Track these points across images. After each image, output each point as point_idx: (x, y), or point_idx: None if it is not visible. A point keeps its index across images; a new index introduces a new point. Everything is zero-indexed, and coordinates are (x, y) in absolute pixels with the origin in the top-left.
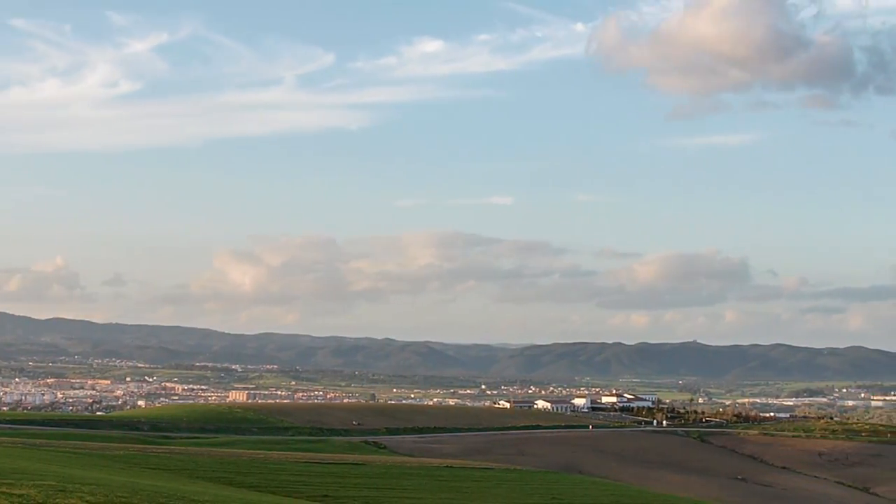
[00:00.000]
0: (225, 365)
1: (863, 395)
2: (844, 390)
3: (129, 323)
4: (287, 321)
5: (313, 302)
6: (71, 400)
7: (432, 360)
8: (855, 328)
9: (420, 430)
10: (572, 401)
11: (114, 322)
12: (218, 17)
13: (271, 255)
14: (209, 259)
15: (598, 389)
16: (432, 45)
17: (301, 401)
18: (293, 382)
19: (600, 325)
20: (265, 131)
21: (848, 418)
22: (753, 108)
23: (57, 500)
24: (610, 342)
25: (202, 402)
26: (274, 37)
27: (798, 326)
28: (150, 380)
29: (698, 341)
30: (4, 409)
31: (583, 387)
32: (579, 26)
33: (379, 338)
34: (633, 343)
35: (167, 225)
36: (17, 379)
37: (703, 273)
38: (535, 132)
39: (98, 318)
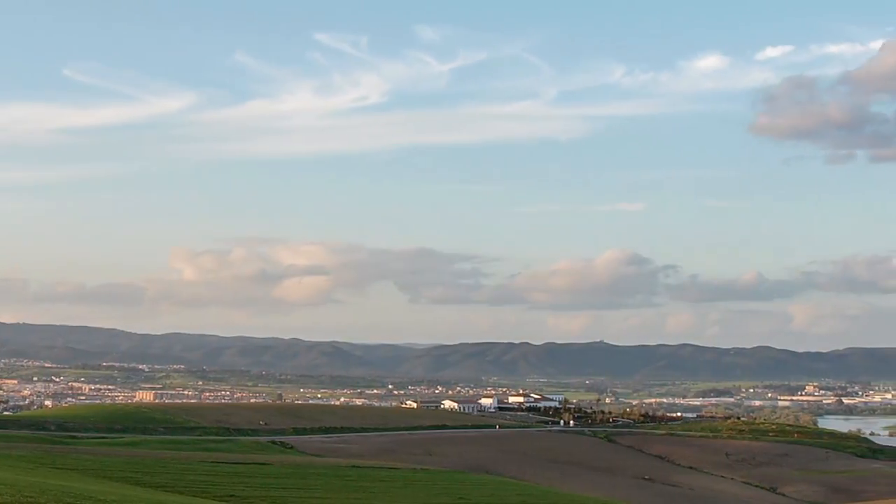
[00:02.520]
0: (132, 365)
1: (770, 394)
2: (751, 390)
3: (36, 323)
4: (196, 321)
5: (224, 302)
6: None
7: (339, 360)
8: (762, 328)
9: (327, 430)
10: (479, 401)
11: (21, 322)
12: (544, 36)
13: (238, 256)
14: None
15: (505, 389)
16: (712, 62)
17: (208, 401)
18: (200, 382)
19: (508, 326)
20: (470, 140)
21: (755, 418)
22: None
23: None
24: (517, 342)
25: (109, 401)
26: (578, 53)
27: (705, 326)
28: (58, 380)
29: (605, 341)
30: None
31: (490, 387)
32: (877, 44)
33: (286, 338)
34: (540, 343)
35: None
36: None
37: (613, 275)
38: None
39: (5, 318)
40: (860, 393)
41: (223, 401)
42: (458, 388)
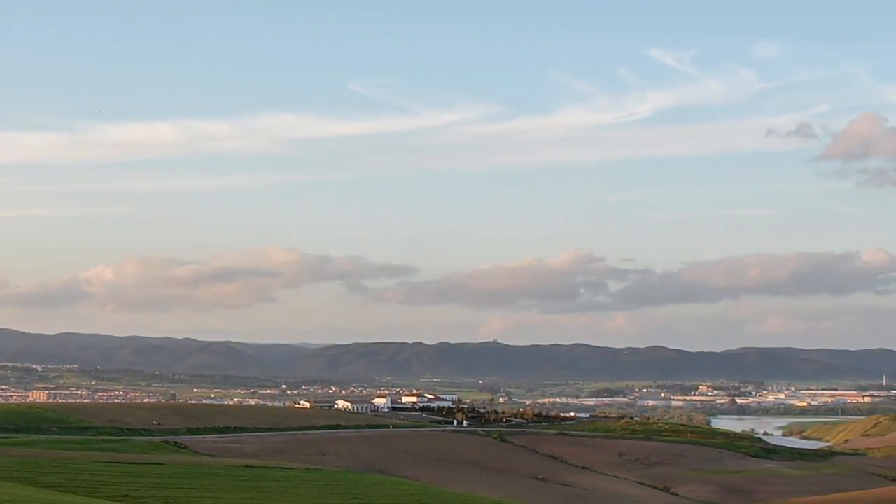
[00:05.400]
0: (25, 364)
1: (663, 394)
2: (644, 390)
3: None
4: (89, 321)
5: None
6: None
7: (232, 360)
8: (654, 328)
9: (220, 430)
10: (373, 401)
11: None
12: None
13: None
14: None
15: (398, 389)
16: None
17: (102, 400)
18: (94, 382)
19: (401, 325)
20: (681, 152)
21: (648, 418)
22: None
23: None
24: (410, 342)
25: (2, 401)
26: (866, 70)
27: (599, 327)
28: None
29: (499, 342)
30: None
31: (384, 387)
32: None
33: (179, 338)
34: (433, 343)
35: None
36: None
37: (507, 274)
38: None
39: None
40: (753, 393)
41: (116, 401)
42: (352, 388)
